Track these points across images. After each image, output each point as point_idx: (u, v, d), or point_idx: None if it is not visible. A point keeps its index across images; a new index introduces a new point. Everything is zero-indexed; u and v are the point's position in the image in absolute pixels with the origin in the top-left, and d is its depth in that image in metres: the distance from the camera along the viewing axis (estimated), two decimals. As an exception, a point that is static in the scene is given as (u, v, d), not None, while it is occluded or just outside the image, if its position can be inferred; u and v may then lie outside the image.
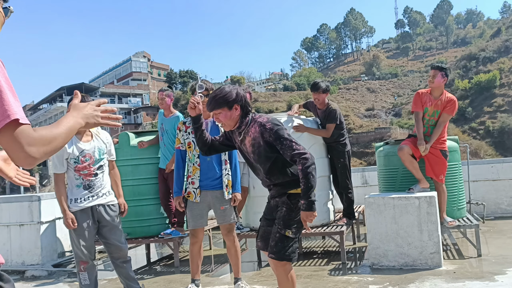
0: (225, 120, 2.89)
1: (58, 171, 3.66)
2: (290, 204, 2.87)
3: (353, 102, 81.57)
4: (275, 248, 2.86)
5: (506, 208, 7.43)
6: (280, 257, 2.85)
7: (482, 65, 71.16)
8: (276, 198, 2.98)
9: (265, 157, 2.87)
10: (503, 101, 62.85)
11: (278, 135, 2.77)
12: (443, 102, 5.07)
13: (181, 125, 4.08)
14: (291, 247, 2.86)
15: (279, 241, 2.85)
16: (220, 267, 5.44)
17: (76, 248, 3.68)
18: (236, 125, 2.92)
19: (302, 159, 2.69)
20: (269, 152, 2.85)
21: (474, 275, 4.14)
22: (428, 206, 4.46)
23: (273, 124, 2.81)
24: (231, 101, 2.85)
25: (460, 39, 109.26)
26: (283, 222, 2.86)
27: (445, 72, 5.11)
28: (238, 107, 2.87)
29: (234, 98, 2.86)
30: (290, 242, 2.85)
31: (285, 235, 2.84)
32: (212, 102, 2.87)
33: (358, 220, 6.27)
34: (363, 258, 5.24)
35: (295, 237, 2.88)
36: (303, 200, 2.72)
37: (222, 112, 2.87)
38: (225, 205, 4.01)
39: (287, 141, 2.75)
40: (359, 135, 62.75)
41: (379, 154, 5.84)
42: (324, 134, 5.44)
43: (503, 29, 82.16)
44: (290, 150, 2.73)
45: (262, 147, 2.85)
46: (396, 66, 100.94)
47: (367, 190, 7.83)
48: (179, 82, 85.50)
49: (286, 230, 2.84)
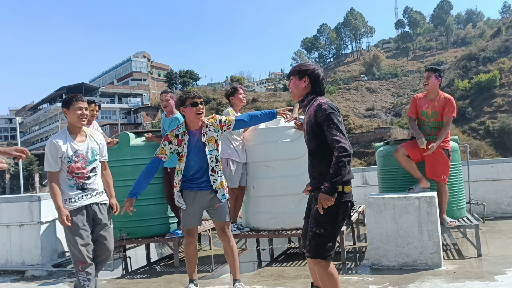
0: (292, 88, 3.06)
1: (53, 169, 3.66)
2: None
3: (353, 102, 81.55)
4: (309, 246, 2.92)
5: (506, 208, 7.43)
6: (313, 255, 2.89)
7: (482, 65, 71.12)
8: (312, 193, 3.07)
9: (313, 136, 2.95)
10: (503, 101, 62.82)
11: (329, 117, 2.84)
12: (440, 103, 5.12)
13: (173, 137, 3.93)
14: (325, 245, 2.88)
15: (312, 239, 2.91)
16: (220, 267, 5.43)
17: (73, 248, 3.64)
18: (301, 97, 3.04)
19: (340, 148, 2.78)
20: (317, 133, 2.91)
21: (474, 275, 4.14)
22: (428, 206, 4.46)
23: (329, 106, 2.89)
24: (302, 71, 3.01)
25: (460, 39, 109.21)
26: (315, 220, 2.91)
27: (439, 74, 5.17)
28: (307, 80, 3.01)
29: (307, 70, 3.01)
30: (322, 240, 2.88)
31: (316, 232, 2.89)
32: (291, 69, 3.09)
33: (358, 220, 6.27)
34: (363, 258, 5.24)
35: (328, 234, 2.89)
36: (327, 183, 2.78)
37: (293, 79, 3.05)
38: (220, 203, 4.02)
39: (335, 125, 2.83)
40: (359, 135, 62.71)
41: (379, 154, 5.84)
42: None
43: (503, 29, 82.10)
44: (333, 135, 2.81)
45: (312, 125, 2.93)
46: (396, 66, 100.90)
47: (367, 190, 7.83)
48: (179, 82, 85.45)
49: (318, 228, 2.88)
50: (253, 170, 5.48)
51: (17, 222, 5.87)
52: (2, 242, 5.92)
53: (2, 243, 5.93)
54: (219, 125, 4.01)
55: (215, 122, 4.01)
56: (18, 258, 5.87)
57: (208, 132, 3.96)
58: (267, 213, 5.32)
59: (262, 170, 5.38)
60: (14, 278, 5.59)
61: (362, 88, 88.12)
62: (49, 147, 3.68)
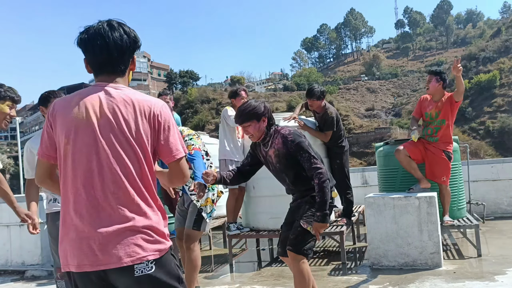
0: (254, 132, 3.10)
1: (30, 176, 3.48)
2: (314, 203, 3.00)
3: (353, 102, 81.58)
4: (295, 241, 3.02)
5: (506, 208, 7.43)
6: (298, 249, 3.00)
7: (482, 65, 71.16)
8: (298, 200, 3.18)
9: (289, 167, 3.07)
10: (503, 101, 62.85)
11: (299, 147, 2.98)
12: (443, 102, 5.10)
13: None
14: (309, 243, 3.03)
15: (299, 234, 3.01)
16: (220, 267, 5.44)
17: (54, 253, 3.46)
18: (262, 136, 3.13)
19: (318, 174, 2.91)
20: (292, 162, 3.04)
21: (474, 275, 4.14)
22: (428, 206, 4.46)
23: (294, 136, 3.02)
24: (260, 114, 3.07)
25: (460, 39, 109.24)
26: (306, 217, 3.02)
27: (440, 76, 5.13)
28: (266, 119, 3.10)
29: (263, 111, 3.08)
30: (309, 237, 3.01)
31: (306, 229, 2.99)
32: (242, 115, 3.07)
33: (358, 220, 6.27)
34: (363, 258, 5.24)
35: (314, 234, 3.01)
36: (319, 212, 2.92)
37: (252, 124, 3.07)
38: (191, 208, 3.88)
39: (306, 153, 2.97)
40: (359, 135, 62.75)
41: (379, 154, 5.84)
42: (322, 138, 5.46)
43: (503, 29, 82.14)
44: (308, 163, 2.96)
45: (285, 158, 3.04)
46: (396, 66, 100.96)
47: (367, 190, 7.82)
48: (179, 82, 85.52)
49: (308, 225, 2.99)
50: (253, 170, 5.47)
51: (17, 222, 5.84)
52: (2, 242, 5.93)
53: (2, 243, 5.93)
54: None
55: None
56: (18, 258, 5.87)
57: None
58: (267, 213, 5.32)
59: (262, 170, 5.36)
60: (14, 278, 5.59)
61: (362, 88, 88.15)
62: (26, 154, 3.51)
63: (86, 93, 1.76)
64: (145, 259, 1.65)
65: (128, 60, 1.83)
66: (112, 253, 1.62)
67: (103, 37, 1.74)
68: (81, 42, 1.77)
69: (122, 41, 1.76)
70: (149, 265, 1.66)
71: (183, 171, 1.82)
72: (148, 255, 1.66)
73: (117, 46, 1.76)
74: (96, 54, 1.77)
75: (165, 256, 1.72)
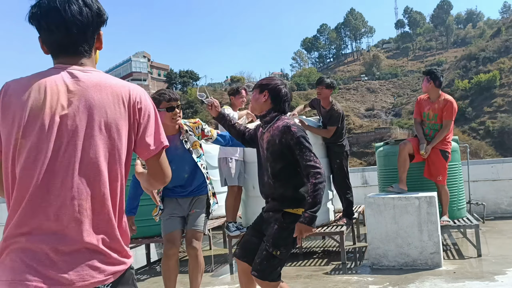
0: (252, 101, 2.98)
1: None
2: (283, 223, 2.76)
3: (353, 102, 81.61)
4: (259, 266, 2.75)
5: (506, 208, 7.43)
6: (263, 276, 2.73)
7: (482, 65, 71.22)
8: (270, 213, 2.89)
9: (278, 158, 2.80)
10: (503, 101, 62.89)
11: (300, 140, 2.71)
12: (440, 106, 5.12)
13: None
14: (276, 270, 2.76)
15: (265, 259, 2.73)
16: (220, 267, 5.43)
17: None
18: (262, 113, 2.93)
19: (317, 173, 2.65)
20: (284, 154, 2.78)
21: (474, 275, 4.14)
22: (428, 206, 4.46)
23: (298, 129, 2.76)
24: (263, 85, 2.93)
25: (460, 39, 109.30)
26: (272, 241, 2.75)
27: (430, 76, 5.13)
28: (267, 95, 2.88)
29: (268, 84, 2.92)
30: (276, 262, 2.74)
31: (272, 254, 2.72)
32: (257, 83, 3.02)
33: (358, 220, 6.27)
34: (363, 258, 5.24)
35: (283, 258, 2.77)
36: (307, 213, 2.65)
37: (255, 92, 2.96)
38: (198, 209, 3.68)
39: (307, 150, 2.71)
40: (359, 135, 62.78)
41: (379, 154, 5.84)
42: (324, 134, 5.46)
43: (503, 29, 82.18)
44: (307, 160, 2.68)
45: (277, 146, 2.78)
46: (396, 66, 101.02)
47: (367, 190, 7.83)
48: (179, 82, 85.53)
49: (274, 249, 2.72)
50: (253, 170, 5.47)
51: None
52: (2, 242, 5.92)
53: (2, 243, 5.92)
54: (201, 133, 3.66)
55: (196, 129, 3.66)
56: (18, 258, 5.86)
57: (189, 138, 3.61)
58: (267, 213, 5.31)
59: (262, 170, 5.37)
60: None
61: (362, 88, 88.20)
62: None
63: (46, 76, 1.45)
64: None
65: (92, 38, 1.54)
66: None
67: (58, 11, 1.45)
68: (32, 17, 1.48)
69: (82, 15, 1.47)
70: None
71: (163, 170, 1.57)
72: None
73: (77, 22, 1.46)
74: (52, 32, 1.47)
75: None
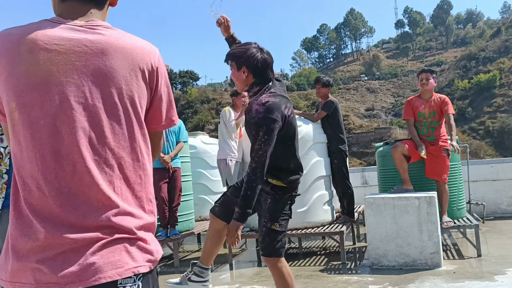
0: (234, 79, 2.69)
1: None
2: (275, 194, 2.68)
3: (353, 102, 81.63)
4: (263, 244, 2.71)
5: (506, 208, 7.43)
6: (268, 253, 2.68)
7: (482, 65, 71.26)
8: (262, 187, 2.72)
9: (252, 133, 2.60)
10: (503, 101, 62.91)
11: (261, 122, 2.47)
12: (437, 103, 5.19)
13: None
14: (280, 242, 2.68)
15: (266, 235, 2.68)
16: (220, 267, 5.44)
17: None
18: (246, 88, 2.70)
19: (254, 160, 2.48)
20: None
21: (474, 275, 4.14)
22: (428, 206, 4.46)
23: (268, 110, 2.48)
24: (238, 59, 2.61)
25: (460, 39, 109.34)
26: (269, 215, 2.67)
27: (435, 74, 5.40)
28: (246, 71, 2.61)
29: (240, 57, 2.60)
30: (278, 236, 2.67)
31: (271, 228, 2.66)
32: (227, 53, 2.70)
33: (358, 220, 6.27)
34: (363, 258, 5.24)
35: (283, 230, 2.70)
36: (237, 208, 2.51)
37: (232, 67, 2.67)
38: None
39: (261, 132, 2.46)
40: (359, 135, 62.79)
41: (379, 154, 5.84)
42: (310, 118, 5.57)
43: (503, 29, 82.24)
44: (257, 144, 2.48)
45: (253, 120, 2.57)
46: (396, 66, 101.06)
47: (367, 190, 7.83)
48: (179, 82, 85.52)
49: (273, 223, 2.66)
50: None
51: None
52: (2, 242, 5.92)
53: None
54: None
55: None
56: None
57: None
58: (267, 213, 5.31)
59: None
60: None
61: (362, 88, 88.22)
62: None
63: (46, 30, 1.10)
64: None
65: None
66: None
67: None
68: None
69: None
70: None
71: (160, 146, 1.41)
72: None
73: None
74: None
75: None
